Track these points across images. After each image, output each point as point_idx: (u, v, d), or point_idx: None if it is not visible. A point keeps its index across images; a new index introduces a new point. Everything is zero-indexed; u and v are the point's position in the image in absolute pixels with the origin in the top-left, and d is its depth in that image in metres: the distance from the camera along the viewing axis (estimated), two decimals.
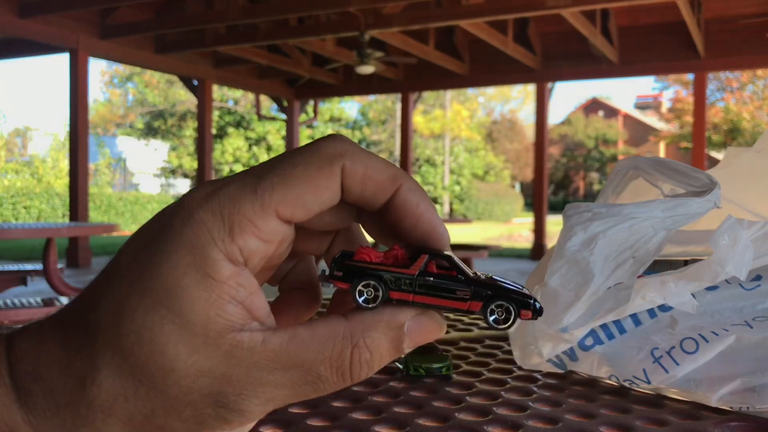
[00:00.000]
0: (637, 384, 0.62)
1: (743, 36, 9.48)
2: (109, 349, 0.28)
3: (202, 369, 0.28)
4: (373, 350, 0.30)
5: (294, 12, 8.20)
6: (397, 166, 0.31)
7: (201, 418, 0.29)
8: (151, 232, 0.29)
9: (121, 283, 0.29)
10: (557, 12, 7.65)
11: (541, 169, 11.33)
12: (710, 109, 22.65)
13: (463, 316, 1.01)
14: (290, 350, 0.29)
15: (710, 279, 0.57)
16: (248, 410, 0.29)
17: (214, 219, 0.28)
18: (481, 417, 0.56)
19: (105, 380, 0.28)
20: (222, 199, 0.29)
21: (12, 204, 16.97)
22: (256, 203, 0.28)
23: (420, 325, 0.31)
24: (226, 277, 0.28)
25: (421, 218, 0.31)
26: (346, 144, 0.31)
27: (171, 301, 0.28)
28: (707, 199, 0.58)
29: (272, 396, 0.29)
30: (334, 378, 0.29)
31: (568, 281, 0.60)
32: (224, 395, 0.28)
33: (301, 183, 0.29)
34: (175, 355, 0.28)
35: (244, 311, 0.29)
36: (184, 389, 0.28)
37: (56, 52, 9.53)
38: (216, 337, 0.28)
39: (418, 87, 12.29)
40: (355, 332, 0.30)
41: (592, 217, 0.60)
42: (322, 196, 0.30)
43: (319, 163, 0.30)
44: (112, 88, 29.92)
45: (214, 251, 0.28)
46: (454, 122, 27.69)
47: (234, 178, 0.30)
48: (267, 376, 0.28)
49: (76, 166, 9.13)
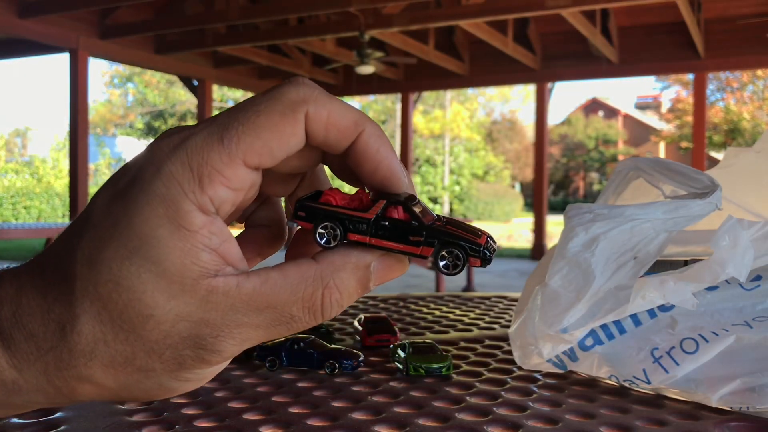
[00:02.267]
0: (637, 384, 0.62)
1: (743, 36, 9.47)
2: (88, 298, 0.29)
3: (181, 314, 0.29)
4: (342, 290, 0.32)
5: (294, 12, 8.19)
6: (359, 110, 0.32)
7: (180, 359, 0.30)
8: (123, 183, 0.30)
9: (95, 234, 0.29)
10: (557, 12, 7.64)
11: (541, 169, 11.33)
12: (710, 109, 22.65)
13: (463, 316, 1.01)
14: (263, 292, 0.30)
15: (710, 279, 0.57)
16: (225, 350, 0.30)
17: (183, 171, 0.29)
18: (481, 417, 0.56)
19: (85, 327, 0.29)
20: (190, 150, 0.29)
21: (12, 204, 16.96)
22: (223, 153, 0.29)
23: (385, 264, 0.33)
24: (198, 226, 0.29)
25: (381, 164, 0.32)
26: (309, 89, 0.31)
27: (147, 252, 0.29)
28: (708, 201, 0.58)
29: (247, 336, 0.30)
30: (306, 317, 0.31)
31: (569, 282, 0.60)
32: (202, 337, 0.30)
33: (266, 131, 0.30)
34: (153, 302, 0.29)
35: (218, 258, 0.30)
36: (163, 333, 0.29)
37: (56, 52, 9.52)
38: (192, 284, 0.29)
39: (418, 87, 12.29)
40: (325, 274, 0.31)
41: (593, 218, 0.60)
42: (287, 142, 0.30)
43: (282, 110, 0.30)
44: (112, 89, 29.90)
45: (186, 203, 0.29)
46: (454, 122, 27.67)
47: (199, 127, 0.30)
48: (242, 317, 0.30)
49: (76, 166, 9.13)
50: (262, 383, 0.65)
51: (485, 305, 1.11)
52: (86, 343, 0.29)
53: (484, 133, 31.04)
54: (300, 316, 0.31)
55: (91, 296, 0.29)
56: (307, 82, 0.31)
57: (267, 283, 0.30)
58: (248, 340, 0.31)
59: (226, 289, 0.29)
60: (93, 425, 0.53)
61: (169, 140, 0.30)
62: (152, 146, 0.31)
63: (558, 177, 33.70)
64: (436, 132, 27.53)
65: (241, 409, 0.58)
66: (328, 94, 0.31)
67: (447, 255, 0.32)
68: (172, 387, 0.32)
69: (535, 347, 0.64)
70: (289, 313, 0.30)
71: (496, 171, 30.16)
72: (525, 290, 0.70)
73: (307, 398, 0.61)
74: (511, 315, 1.03)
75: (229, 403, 0.59)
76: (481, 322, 0.97)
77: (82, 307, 0.29)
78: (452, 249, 0.32)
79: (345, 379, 0.67)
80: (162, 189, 0.29)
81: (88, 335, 0.29)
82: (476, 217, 24.86)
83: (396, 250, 0.32)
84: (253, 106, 0.30)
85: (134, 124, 30.00)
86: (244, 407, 0.58)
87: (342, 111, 0.31)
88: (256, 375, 0.68)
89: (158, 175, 0.29)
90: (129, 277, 0.29)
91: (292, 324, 0.31)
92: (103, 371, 0.30)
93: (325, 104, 0.31)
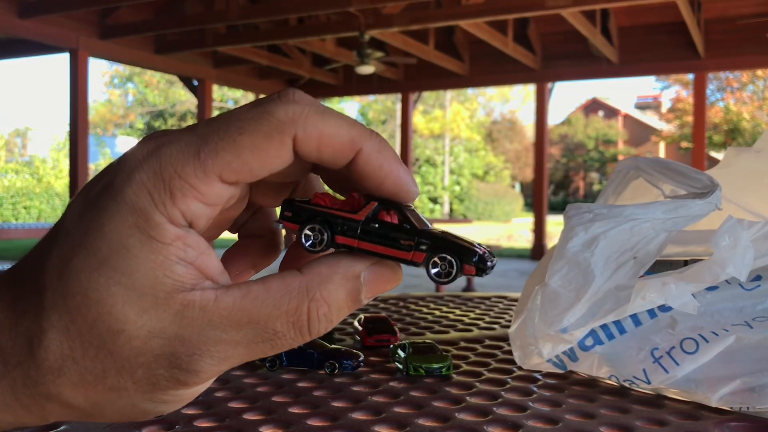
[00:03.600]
0: (637, 384, 0.62)
1: (743, 36, 9.47)
2: (56, 311, 0.27)
3: (153, 329, 0.27)
4: (330, 303, 0.29)
5: (294, 12, 8.19)
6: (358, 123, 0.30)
7: (154, 378, 0.28)
8: (96, 190, 0.29)
9: (65, 242, 0.28)
10: (557, 12, 7.64)
11: (541, 169, 11.33)
12: (710, 109, 22.64)
13: (463, 317, 1.01)
14: (244, 307, 0.28)
15: (710, 280, 0.57)
16: (202, 370, 0.28)
17: (155, 180, 0.27)
18: (481, 417, 0.56)
19: (52, 342, 0.27)
20: (163, 160, 0.28)
21: (12, 204, 16.96)
22: (198, 168, 0.28)
23: (376, 274, 0.30)
24: (170, 239, 0.27)
25: (386, 179, 0.30)
26: (299, 107, 0.28)
27: (117, 262, 0.27)
28: (708, 201, 0.58)
29: (227, 355, 0.28)
30: (292, 333, 0.29)
31: (568, 282, 0.60)
32: (176, 356, 0.28)
33: (247, 151, 0.28)
34: (123, 316, 0.27)
35: (194, 271, 0.28)
36: (135, 350, 0.27)
37: (56, 52, 9.51)
38: (165, 297, 0.27)
39: (418, 87, 12.28)
40: (311, 285, 0.29)
41: (593, 218, 0.60)
42: (270, 163, 0.28)
43: (267, 131, 0.28)
44: (112, 89, 29.90)
45: (156, 214, 0.27)
46: (454, 122, 27.67)
47: (176, 136, 0.29)
48: (220, 334, 0.28)
49: (76, 166, 9.12)
50: (262, 383, 0.65)
51: (485, 305, 1.11)
52: (54, 359, 0.27)
53: (484, 133, 31.04)
54: (284, 332, 0.29)
55: (59, 309, 0.27)
56: (298, 98, 0.29)
57: (248, 296, 0.28)
58: (227, 359, 0.28)
59: (203, 304, 0.28)
60: (93, 425, 0.53)
61: (144, 146, 0.29)
62: (128, 151, 0.29)
63: (558, 177, 33.69)
64: (436, 132, 27.53)
65: (241, 409, 0.58)
66: (323, 109, 0.29)
67: (440, 261, 0.30)
68: (146, 409, 0.30)
69: (535, 347, 0.64)
70: (272, 329, 0.28)
71: (496, 171, 30.15)
72: (525, 290, 0.70)
73: (307, 398, 0.61)
74: (511, 315, 1.02)
75: (229, 403, 0.59)
76: (481, 322, 0.97)
77: (50, 321, 0.27)
78: (445, 255, 0.30)
79: (345, 379, 0.67)
80: (132, 197, 0.27)
81: (56, 351, 0.27)
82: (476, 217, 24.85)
83: (385, 255, 0.30)
84: (237, 121, 0.28)
85: (134, 124, 30.00)
86: (244, 407, 0.58)
87: (336, 129, 0.29)
88: (256, 375, 0.68)
89: (128, 183, 0.28)
90: (98, 289, 0.27)
91: (275, 341, 0.29)
92: (72, 389, 0.28)
93: (316, 124, 0.28)
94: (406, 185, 0.31)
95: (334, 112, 0.29)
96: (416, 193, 0.31)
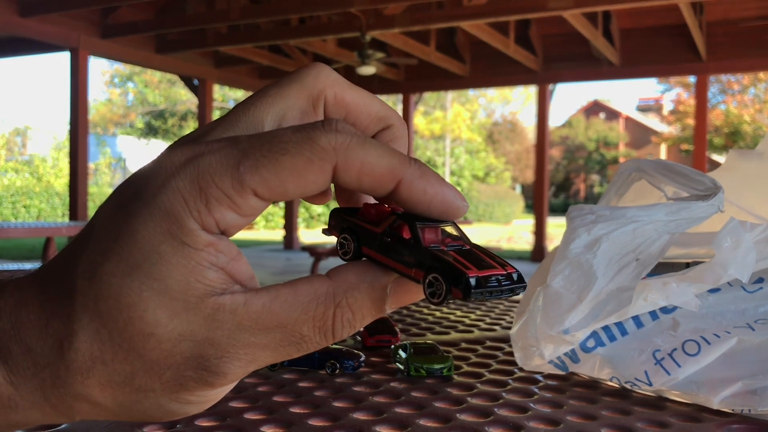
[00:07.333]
0: (638, 386, 0.62)
1: (745, 39, 9.47)
2: (87, 314, 0.28)
3: (184, 333, 0.28)
4: (355, 310, 0.30)
5: (295, 12, 8.19)
6: (398, 153, 0.30)
7: (182, 380, 0.29)
8: (128, 194, 0.29)
9: (97, 247, 0.28)
10: (559, 13, 7.64)
11: (541, 171, 11.33)
12: (712, 111, 22.66)
13: (465, 317, 1.01)
14: (273, 311, 0.29)
15: (712, 281, 0.57)
16: (229, 372, 0.29)
17: (191, 188, 0.28)
18: (482, 418, 0.56)
19: (82, 344, 0.28)
20: (202, 168, 0.28)
21: (12, 203, 16.97)
22: (236, 180, 0.28)
23: (403, 288, 0.31)
24: (203, 245, 0.28)
25: (432, 202, 0.30)
26: (342, 136, 0.29)
27: (149, 268, 0.27)
28: (711, 203, 0.58)
29: (254, 357, 0.29)
30: (317, 337, 0.29)
31: (570, 283, 0.60)
32: (206, 358, 0.28)
33: (286, 172, 0.28)
34: (154, 319, 0.27)
35: (225, 276, 0.28)
36: (164, 353, 0.28)
37: (57, 51, 9.52)
38: (196, 302, 0.28)
39: (418, 88, 12.29)
40: (338, 292, 0.30)
41: (595, 220, 0.60)
42: (305, 187, 0.29)
43: (309, 156, 0.28)
44: (113, 88, 29.92)
45: (189, 221, 0.28)
46: (454, 123, 27.68)
47: (216, 146, 0.29)
48: (249, 337, 0.28)
49: (76, 165, 9.12)
50: (263, 383, 0.65)
51: (486, 306, 1.11)
52: (83, 360, 0.28)
53: (485, 135, 31.07)
54: (310, 336, 0.29)
55: (90, 312, 0.28)
56: (341, 128, 0.29)
57: (277, 300, 0.29)
58: (254, 361, 0.29)
59: (233, 307, 0.28)
60: (94, 425, 0.53)
61: (180, 153, 0.29)
62: (161, 157, 0.29)
63: (559, 179, 33.72)
64: (436, 133, 27.55)
65: (242, 408, 0.58)
66: (364, 140, 0.29)
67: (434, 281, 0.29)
68: (172, 409, 0.30)
69: (537, 348, 0.64)
70: (299, 333, 0.29)
71: (496, 172, 30.18)
72: (526, 291, 0.70)
73: (308, 398, 0.61)
74: (512, 317, 1.02)
75: (229, 403, 0.59)
76: (482, 323, 0.97)
77: (81, 324, 0.28)
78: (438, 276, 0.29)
79: (346, 380, 0.67)
80: (166, 203, 0.28)
81: (85, 353, 0.28)
82: (477, 218, 24.87)
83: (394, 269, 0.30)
84: (280, 143, 0.28)
85: (134, 123, 30.01)
86: (245, 407, 0.58)
87: (377, 159, 0.29)
88: (257, 375, 0.68)
89: (163, 189, 0.28)
90: (130, 294, 0.27)
91: (301, 344, 0.29)
92: (100, 390, 0.29)
93: (357, 154, 0.29)
94: (453, 203, 0.31)
95: (375, 143, 0.30)
96: (465, 208, 0.31)
